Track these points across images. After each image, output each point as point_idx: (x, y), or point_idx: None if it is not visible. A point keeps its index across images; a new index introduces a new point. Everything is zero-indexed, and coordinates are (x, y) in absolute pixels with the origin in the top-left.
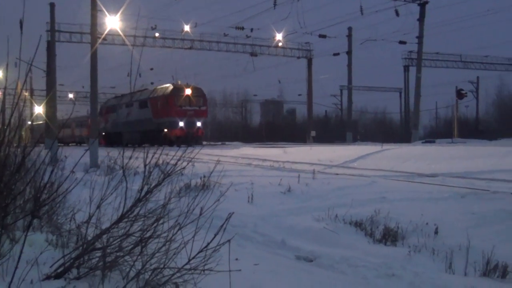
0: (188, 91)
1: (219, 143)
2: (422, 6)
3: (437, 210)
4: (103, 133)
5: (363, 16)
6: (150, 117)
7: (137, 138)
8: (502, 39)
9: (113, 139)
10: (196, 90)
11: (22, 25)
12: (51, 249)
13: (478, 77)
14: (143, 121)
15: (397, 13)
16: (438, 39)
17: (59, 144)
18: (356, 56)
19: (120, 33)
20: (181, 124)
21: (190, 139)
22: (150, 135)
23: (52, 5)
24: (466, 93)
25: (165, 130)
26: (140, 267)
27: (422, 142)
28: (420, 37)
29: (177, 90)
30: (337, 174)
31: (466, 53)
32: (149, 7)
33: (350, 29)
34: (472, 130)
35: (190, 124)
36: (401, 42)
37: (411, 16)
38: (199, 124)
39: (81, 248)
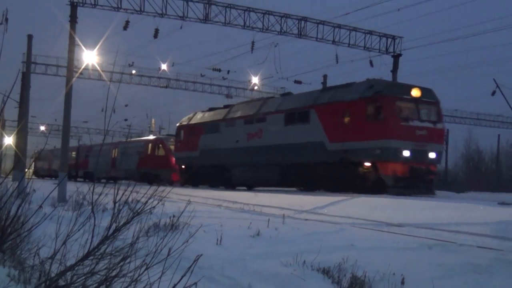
0: (415, 93)
1: None
2: (396, 58)
3: (404, 260)
4: (183, 166)
5: (338, 65)
6: (321, 140)
7: (274, 177)
8: (471, 94)
9: (207, 176)
10: (428, 93)
11: None
12: (13, 284)
13: (448, 130)
14: (300, 148)
15: (371, 64)
16: None
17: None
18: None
19: (98, 68)
20: (406, 153)
21: (420, 181)
22: (321, 172)
23: (29, 37)
24: None
25: (367, 163)
26: None
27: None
28: None
29: (396, 89)
30: (306, 219)
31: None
32: (127, 44)
33: (325, 76)
34: (441, 181)
35: (420, 154)
36: None
37: (385, 67)
38: (433, 155)
39: (43, 285)
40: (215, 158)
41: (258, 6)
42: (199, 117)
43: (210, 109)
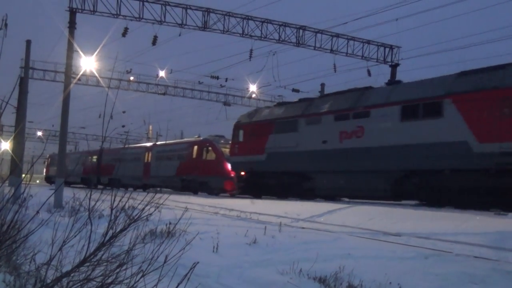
0: None
1: None
2: (393, 67)
3: (400, 269)
4: (242, 173)
5: (336, 74)
6: (464, 139)
7: (381, 187)
8: None
9: (275, 184)
10: None
11: None
12: None
13: None
14: (427, 150)
15: (369, 73)
16: None
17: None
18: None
19: (96, 74)
20: None
21: None
22: (460, 181)
23: (28, 42)
24: None
25: None
26: None
27: None
28: None
29: None
30: (303, 228)
31: None
32: (126, 51)
33: (323, 85)
34: None
35: None
36: None
37: (383, 76)
38: None
39: None
40: (289, 163)
41: (257, 15)
42: (265, 114)
43: (280, 104)
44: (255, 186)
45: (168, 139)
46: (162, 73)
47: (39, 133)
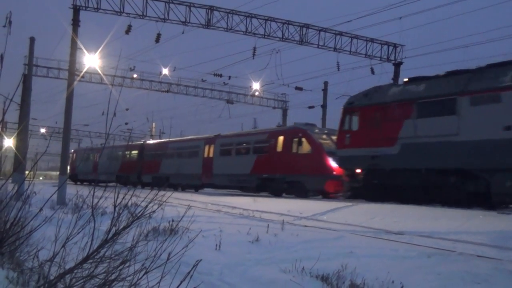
0: None
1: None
2: (397, 66)
3: (403, 268)
4: (358, 170)
5: (339, 72)
6: None
7: None
8: None
9: (414, 186)
10: None
11: (2, 59)
12: (12, 287)
13: None
14: None
15: (372, 71)
16: None
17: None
18: (331, 109)
19: (100, 72)
20: None
21: None
22: None
23: (32, 39)
24: None
25: None
26: None
27: None
28: None
29: None
30: (306, 226)
31: None
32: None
33: (326, 83)
34: None
35: None
36: None
37: (386, 75)
38: None
39: (42, 287)
40: (443, 157)
41: (260, 13)
42: (395, 92)
43: (416, 80)
44: (378, 188)
45: (172, 137)
46: (165, 71)
47: (43, 130)
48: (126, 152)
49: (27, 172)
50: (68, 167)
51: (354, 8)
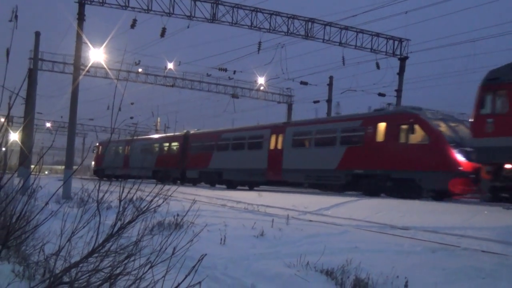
0: None
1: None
2: (402, 60)
3: (408, 263)
4: (508, 165)
5: (345, 67)
6: None
7: None
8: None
9: None
10: None
11: (8, 53)
12: (18, 280)
13: None
14: None
15: (378, 66)
16: (416, 93)
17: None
18: (336, 104)
19: (105, 66)
20: None
21: None
22: None
23: (37, 34)
24: None
25: None
26: None
27: None
28: (399, 91)
29: None
30: (310, 221)
31: (442, 109)
32: (134, 43)
33: (331, 78)
34: None
35: None
36: (380, 94)
37: (391, 69)
38: None
39: (47, 281)
40: None
41: (265, 7)
42: None
43: None
44: None
45: (177, 132)
46: (170, 65)
47: (48, 125)
48: (165, 144)
49: (32, 166)
50: (93, 162)
51: (360, 3)
